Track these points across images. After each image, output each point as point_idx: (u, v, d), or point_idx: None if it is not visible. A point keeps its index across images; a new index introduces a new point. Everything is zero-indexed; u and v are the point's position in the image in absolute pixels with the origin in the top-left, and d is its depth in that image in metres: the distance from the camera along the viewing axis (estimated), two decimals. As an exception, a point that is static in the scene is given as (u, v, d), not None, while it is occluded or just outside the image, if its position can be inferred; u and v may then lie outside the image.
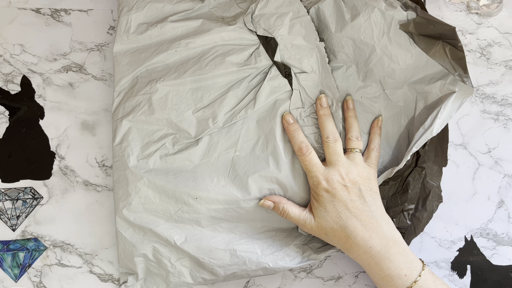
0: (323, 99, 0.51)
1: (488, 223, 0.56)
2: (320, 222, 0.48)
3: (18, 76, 0.56)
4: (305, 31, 0.52)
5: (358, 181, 0.48)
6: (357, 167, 0.48)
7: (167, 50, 0.52)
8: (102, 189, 0.55)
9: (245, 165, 0.51)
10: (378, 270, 0.47)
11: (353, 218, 0.47)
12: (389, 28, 0.50)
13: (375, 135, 0.52)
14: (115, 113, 0.52)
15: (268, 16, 0.52)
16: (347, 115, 0.52)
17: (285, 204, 0.49)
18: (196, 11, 0.54)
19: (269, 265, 0.50)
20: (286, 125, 0.50)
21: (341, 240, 0.47)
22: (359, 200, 0.47)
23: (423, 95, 0.50)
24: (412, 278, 0.46)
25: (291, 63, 0.52)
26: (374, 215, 0.47)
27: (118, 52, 0.53)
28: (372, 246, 0.46)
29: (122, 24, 0.53)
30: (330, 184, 0.47)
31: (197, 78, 0.52)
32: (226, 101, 0.51)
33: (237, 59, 0.52)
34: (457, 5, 0.58)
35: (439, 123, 0.47)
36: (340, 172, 0.48)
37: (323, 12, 0.52)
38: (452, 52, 0.48)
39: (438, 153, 0.52)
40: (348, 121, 0.51)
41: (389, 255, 0.46)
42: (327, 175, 0.48)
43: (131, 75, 0.52)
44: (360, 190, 0.47)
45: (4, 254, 0.54)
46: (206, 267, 0.50)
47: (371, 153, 0.51)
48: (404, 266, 0.46)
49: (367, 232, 0.46)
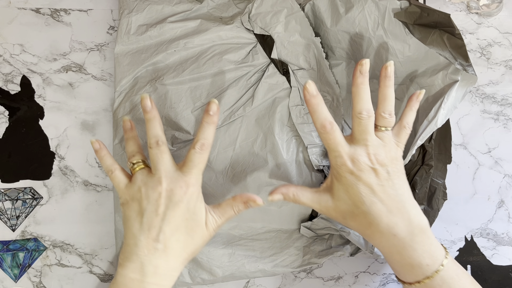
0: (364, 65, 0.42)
1: (488, 223, 0.56)
2: (339, 205, 0.43)
3: (18, 76, 0.56)
4: (300, 27, 0.52)
5: (386, 163, 0.42)
6: (385, 147, 0.43)
7: (166, 50, 0.52)
8: (102, 189, 0.55)
9: (243, 163, 0.51)
10: (399, 258, 0.42)
11: (378, 203, 0.41)
12: (384, 19, 0.49)
13: (411, 111, 0.45)
14: (115, 112, 0.53)
15: (264, 14, 0.52)
16: (382, 84, 0.43)
17: (294, 191, 0.44)
18: (195, 12, 0.54)
19: (268, 267, 0.50)
20: (308, 97, 0.42)
21: (362, 226, 0.43)
22: (387, 183, 0.42)
23: (427, 89, 0.48)
24: (433, 268, 0.41)
25: (288, 60, 0.52)
26: (402, 199, 0.42)
27: (119, 53, 0.53)
28: (396, 233, 0.41)
29: (123, 26, 0.53)
30: (356, 165, 0.42)
31: (195, 76, 0.52)
32: (225, 99, 0.51)
33: (234, 57, 0.52)
34: (457, 5, 0.58)
35: (443, 114, 0.46)
36: (368, 152, 0.42)
37: (318, 8, 0.52)
38: (450, 40, 0.47)
39: (442, 150, 0.51)
40: (384, 92, 0.43)
41: (413, 244, 0.41)
42: (353, 155, 0.42)
43: (132, 75, 0.53)
44: (388, 173, 0.42)
45: (4, 254, 0.54)
46: (204, 267, 0.50)
47: (401, 131, 0.44)
48: (427, 255, 0.41)
49: (393, 218, 0.41)
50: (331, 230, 0.51)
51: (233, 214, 0.44)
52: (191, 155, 0.42)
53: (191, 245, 0.42)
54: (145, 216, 0.41)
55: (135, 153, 0.44)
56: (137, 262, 0.40)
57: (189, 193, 0.42)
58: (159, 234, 0.41)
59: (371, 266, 0.55)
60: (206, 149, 0.42)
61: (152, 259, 0.40)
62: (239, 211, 0.44)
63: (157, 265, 0.40)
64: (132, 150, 0.45)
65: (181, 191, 0.41)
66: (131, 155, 0.44)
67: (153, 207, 0.41)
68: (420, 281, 0.42)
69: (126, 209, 0.43)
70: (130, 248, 0.41)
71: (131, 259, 0.41)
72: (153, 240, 0.41)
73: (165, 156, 0.42)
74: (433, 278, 0.41)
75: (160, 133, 0.43)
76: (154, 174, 0.42)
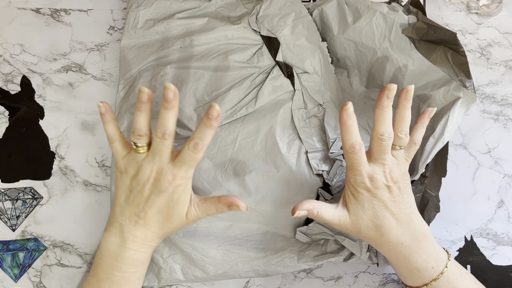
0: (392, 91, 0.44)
1: (488, 223, 0.56)
2: (356, 220, 0.46)
3: (18, 76, 0.56)
4: (307, 32, 0.52)
5: (398, 180, 0.45)
6: (398, 165, 0.46)
7: (172, 46, 0.52)
8: (102, 189, 0.55)
9: (243, 163, 0.51)
10: (406, 264, 0.46)
11: (390, 217, 0.45)
12: (390, 32, 0.50)
13: (422, 127, 0.47)
14: (118, 106, 0.53)
15: (272, 16, 0.52)
16: (402, 105, 0.45)
17: (318, 209, 0.45)
18: (203, 9, 0.55)
19: (261, 268, 0.50)
20: (346, 118, 0.43)
21: (374, 237, 0.46)
22: (398, 199, 0.45)
23: (427, 103, 0.50)
24: (439, 270, 0.45)
25: (293, 63, 0.52)
26: (409, 211, 0.46)
27: (125, 46, 0.53)
28: (403, 242, 0.45)
29: (130, 20, 0.54)
30: (373, 184, 0.45)
31: (199, 75, 0.52)
32: (228, 99, 0.51)
33: (240, 57, 0.52)
34: (457, 5, 0.58)
35: (449, 131, 0.47)
36: (384, 171, 0.45)
37: (326, 14, 0.52)
38: (454, 57, 0.48)
39: (438, 163, 0.52)
40: (402, 113, 0.45)
41: (418, 249, 0.45)
42: (371, 174, 0.45)
43: (136, 69, 0.53)
44: (400, 189, 0.45)
45: (4, 254, 0.54)
46: (198, 264, 0.50)
47: (411, 147, 0.47)
48: (431, 258, 0.45)
49: (401, 229, 0.45)
50: (326, 235, 0.52)
51: (215, 213, 0.46)
52: (184, 152, 0.43)
53: (168, 227, 0.45)
54: (132, 194, 0.44)
55: (142, 134, 0.44)
56: (119, 228, 0.45)
57: (174, 185, 0.44)
58: (141, 212, 0.44)
59: (371, 266, 0.55)
60: (200, 150, 0.43)
61: (132, 230, 0.44)
62: (221, 212, 0.46)
63: (136, 235, 0.44)
64: (140, 127, 0.44)
65: (167, 182, 0.44)
66: (138, 133, 0.44)
67: (140, 188, 0.44)
68: (427, 284, 0.45)
69: (118, 177, 0.46)
70: (115, 215, 0.45)
71: (115, 225, 0.45)
72: (135, 215, 0.44)
73: (165, 150, 0.44)
74: (439, 280, 0.45)
75: (171, 126, 0.43)
76: (150, 160, 0.44)
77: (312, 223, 0.51)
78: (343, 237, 0.50)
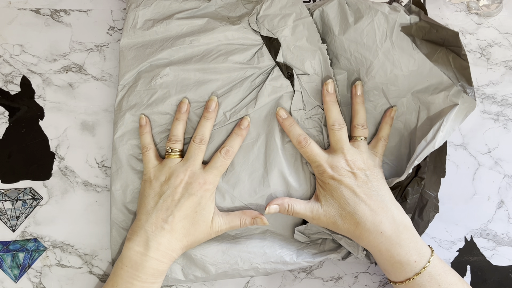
0: (329, 85, 0.50)
1: (488, 223, 0.56)
2: (328, 210, 0.47)
3: (18, 76, 0.56)
4: (308, 33, 0.52)
5: (364, 168, 0.47)
6: (362, 154, 0.48)
7: (172, 46, 0.52)
8: (102, 190, 0.55)
9: (242, 164, 0.51)
10: (389, 256, 0.46)
11: (361, 203, 0.46)
12: (392, 32, 0.49)
13: (386, 125, 0.51)
14: (118, 106, 0.52)
15: (272, 17, 0.52)
16: (354, 101, 0.51)
17: (288, 202, 0.48)
18: (202, 10, 0.54)
19: (261, 266, 0.50)
20: (281, 120, 0.50)
21: (351, 227, 0.46)
22: (366, 185, 0.46)
23: (426, 105, 0.50)
24: (421, 264, 0.45)
25: (293, 64, 0.52)
26: (383, 199, 0.46)
27: (124, 46, 0.53)
28: (383, 231, 0.45)
29: (129, 20, 0.53)
30: (335, 171, 0.47)
31: (199, 76, 0.52)
32: (228, 100, 0.51)
33: (240, 58, 0.52)
34: (457, 5, 0.58)
35: (441, 137, 0.47)
36: (345, 158, 0.47)
37: (327, 15, 0.52)
38: (455, 60, 0.48)
39: (437, 163, 0.52)
40: (355, 107, 0.50)
41: (400, 241, 0.45)
42: (331, 162, 0.47)
43: (136, 70, 0.52)
44: (367, 176, 0.47)
45: (4, 255, 0.54)
46: (198, 264, 0.50)
47: (378, 143, 0.50)
48: (414, 252, 0.45)
49: (377, 216, 0.46)
50: (324, 234, 0.52)
51: (238, 225, 0.49)
52: (216, 157, 0.49)
53: (193, 235, 0.47)
54: (162, 198, 0.47)
55: (178, 139, 0.49)
56: (143, 236, 0.46)
57: (204, 189, 0.47)
58: (169, 216, 0.46)
59: (371, 266, 0.55)
60: (230, 156, 0.49)
61: (157, 236, 0.45)
62: (245, 224, 0.49)
63: (160, 243, 0.45)
64: (177, 134, 0.50)
65: (198, 185, 0.47)
66: (175, 139, 0.49)
67: (171, 191, 0.47)
68: (410, 279, 0.45)
69: (147, 187, 0.48)
70: (140, 223, 0.46)
71: (139, 233, 0.46)
72: (163, 220, 0.46)
73: (200, 154, 0.49)
74: (421, 274, 0.45)
75: (207, 135, 0.49)
76: (183, 164, 0.48)
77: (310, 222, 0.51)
78: (340, 236, 0.50)
